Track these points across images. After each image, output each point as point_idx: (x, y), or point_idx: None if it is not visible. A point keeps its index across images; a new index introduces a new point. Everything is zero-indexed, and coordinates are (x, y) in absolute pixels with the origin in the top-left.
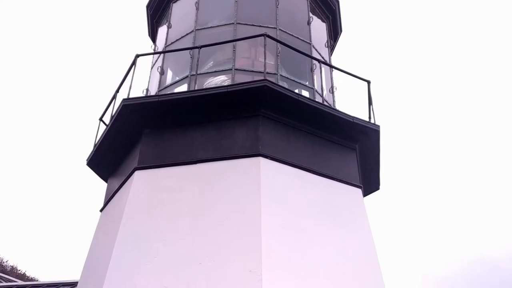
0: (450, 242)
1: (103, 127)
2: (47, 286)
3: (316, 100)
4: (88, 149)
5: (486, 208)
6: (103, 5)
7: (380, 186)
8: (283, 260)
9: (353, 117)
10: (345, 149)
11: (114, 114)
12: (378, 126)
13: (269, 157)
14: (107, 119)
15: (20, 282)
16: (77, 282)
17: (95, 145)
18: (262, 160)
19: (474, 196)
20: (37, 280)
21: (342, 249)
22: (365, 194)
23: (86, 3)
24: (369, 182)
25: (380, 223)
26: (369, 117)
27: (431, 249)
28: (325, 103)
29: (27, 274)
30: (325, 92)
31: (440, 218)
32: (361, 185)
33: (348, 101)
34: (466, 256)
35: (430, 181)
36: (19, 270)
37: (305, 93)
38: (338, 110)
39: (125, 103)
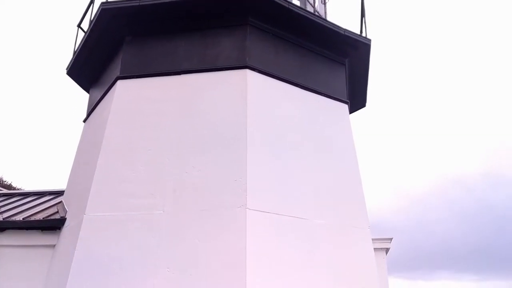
0: (428, 162)
1: (82, 35)
2: (34, 194)
3: (307, 10)
4: (68, 57)
5: (465, 130)
6: None
7: (367, 104)
8: (267, 170)
9: (344, 30)
10: (334, 63)
11: (93, 19)
12: (370, 40)
13: (256, 69)
14: (85, 25)
15: (5, 190)
16: (63, 191)
17: (74, 53)
18: (249, 72)
19: (455, 120)
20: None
21: (326, 163)
22: (352, 110)
23: None
24: (356, 98)
25: (363, 140)
26: (361, 31)
27: (408, 166)
28: (316, 14)
29: (13, 185)
30: (317, 3)
31: (422, 139)
32: (347, 101)
33: (340, 15)
34: (441, 175)
35: (415, 101)
36: (5, 181)
37: (296, 2)
38: (329, 22)
39: (104, 7)
